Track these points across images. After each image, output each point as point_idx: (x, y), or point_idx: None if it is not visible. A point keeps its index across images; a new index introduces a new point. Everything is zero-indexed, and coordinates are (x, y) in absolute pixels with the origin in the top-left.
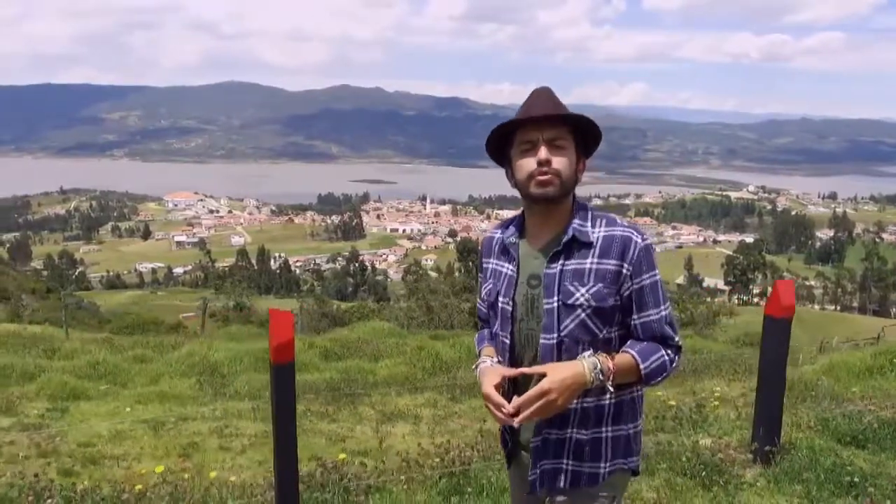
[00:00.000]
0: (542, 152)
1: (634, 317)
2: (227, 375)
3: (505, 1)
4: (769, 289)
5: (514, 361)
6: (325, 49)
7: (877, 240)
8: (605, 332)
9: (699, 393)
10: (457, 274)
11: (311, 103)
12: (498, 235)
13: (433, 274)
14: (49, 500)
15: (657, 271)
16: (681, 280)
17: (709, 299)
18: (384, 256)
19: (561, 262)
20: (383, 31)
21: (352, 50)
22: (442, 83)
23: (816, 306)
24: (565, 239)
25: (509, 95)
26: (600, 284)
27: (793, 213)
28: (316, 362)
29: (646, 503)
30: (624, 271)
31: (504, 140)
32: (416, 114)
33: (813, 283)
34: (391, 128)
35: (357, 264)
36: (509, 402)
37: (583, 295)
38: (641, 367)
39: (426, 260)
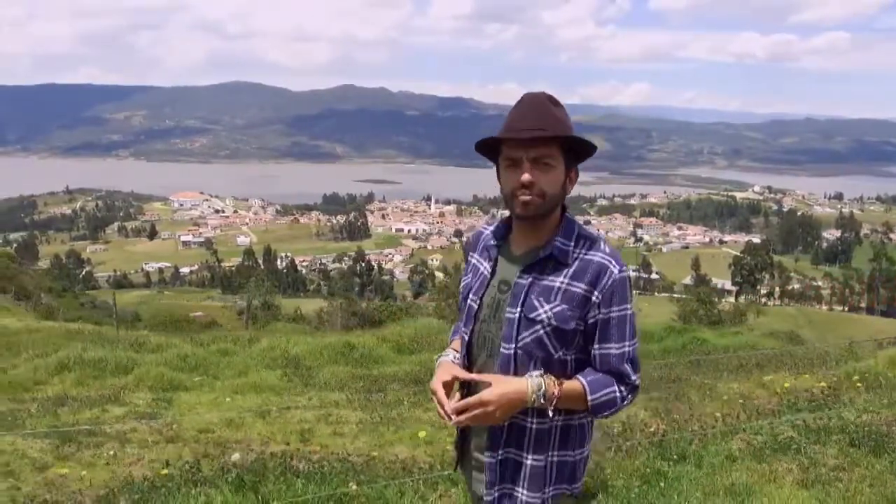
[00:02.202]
0: (526, 176)
1: (595, 346)
2: (311, 368)
3: (509, 1)
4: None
5: (469, 359)
6: (330, 49)
7: (884, 240)
8: (561, 353)
9: (769, 386)
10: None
11: (316, 103)
12: (486, 232)
13: (440, 274)
14: (294, 462)
15: (629, 305)
16: (688, 280)
17: (715, 299)
18: (390, 256)
19: (533, 274)
20: (387, 31)
21: (356, 50)
22: (446, 83)
23: (824, 307)
24: (543, 254)
25: (513, 95)
26: (565, 306)
27: (798, 213)
28: (391, 356)
29: (831, 469)
30: (593, 298)
31: (493, 143)
32: (420, 114)
33: (820, 283)
34: (395, 128)
35: (363, 264)
36: (462, 397)
37: (545, 312)
38: (589, 398)
39: (432, 260)
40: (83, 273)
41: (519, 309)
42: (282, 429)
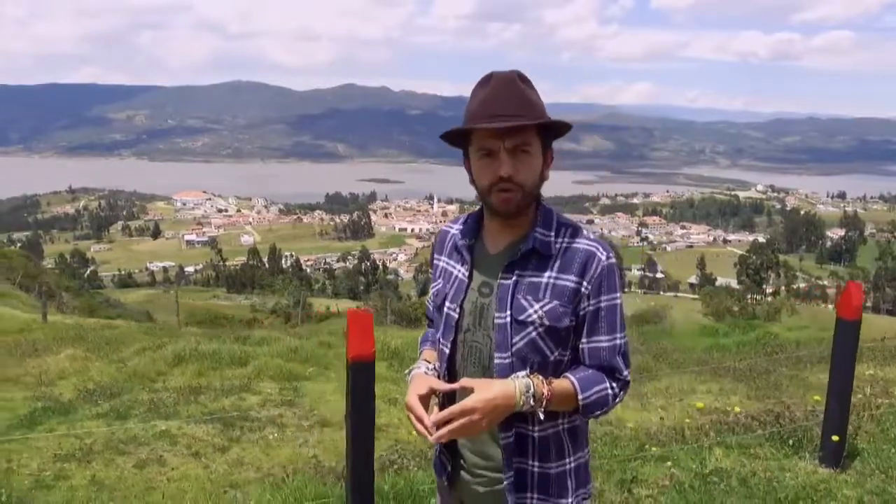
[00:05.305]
0: (505, 167)
1: (583, 340)
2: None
3: (511, 0)
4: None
5: (452, 372)
6: (332, 48)
7: (889, 239)
8: (556, 353)
9: (858, 376)
10: None
11: (318, 103)
12: (453, 231)
13: None
14: None
15: (618, 294)
16: (693, 279)
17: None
18: (394, 255)
19: (517, 272)
20: (389, 30)
21: (358, 49)
22: (448, 82)
23: (830, 306)
24: (524, 248)
25: None
26: (556, 302)
27: (802, 212)
28: None
29: None
30: (582, 290)
31: (463, 132)
32: (422, 113)
33: (826, 282)
34: (397, 127)
35: (368, 263)
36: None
37: (536, 311)
38: (580, 396)
39: None
40: (88, 272)
41: (508, 312)
42: None
